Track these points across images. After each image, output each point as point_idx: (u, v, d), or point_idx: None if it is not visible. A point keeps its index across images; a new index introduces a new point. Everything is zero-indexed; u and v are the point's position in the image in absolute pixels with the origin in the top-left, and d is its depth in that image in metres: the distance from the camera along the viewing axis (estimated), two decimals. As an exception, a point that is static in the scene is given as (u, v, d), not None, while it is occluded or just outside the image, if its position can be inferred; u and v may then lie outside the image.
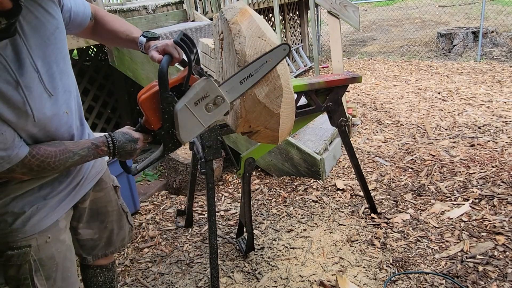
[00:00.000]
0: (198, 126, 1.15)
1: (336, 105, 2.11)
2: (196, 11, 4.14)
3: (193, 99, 1.11)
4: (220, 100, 1.14)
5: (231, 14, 1.35)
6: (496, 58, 6.08)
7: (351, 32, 9.85)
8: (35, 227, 1.13)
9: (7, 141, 0.95)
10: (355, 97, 4.92)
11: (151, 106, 1.11)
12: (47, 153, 1.04)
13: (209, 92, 1.12)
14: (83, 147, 1.10)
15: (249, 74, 1.24)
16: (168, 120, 1.12)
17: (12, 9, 0.85)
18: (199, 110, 1.13)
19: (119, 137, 1.14)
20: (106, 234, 1.45)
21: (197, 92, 1.10)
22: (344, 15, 3.08)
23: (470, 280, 1.84)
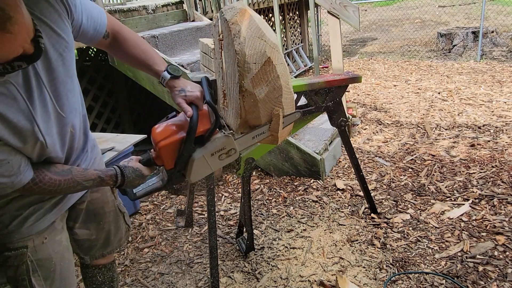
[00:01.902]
0: (207, 170, 1.23)
1: (336, 105, 2.11)
2: (196, 11, 4.14)
3: (211, 151, 1.19)
4: (233, 152, 1.24)
5: (231, 14, 1.35)
6: (496, 58, 6.08)
7: (351, 32, 9.85)
8: (31, 228, 1.13)
9: (12, 168, 0.95)
10: (355, 97, 4.92)
11: (170, 152, 1.16)
12: (51, 182, 1.04)
13: (226, 146, 1.21)
14: (89, 178, 1.11)
15: (262, 132, 1.36)
16: (182, 164, 1.18)
17: (33, 54, 0.86)
18: (213, 159, 1.21)
19: (129, 173, 1.17)
20: (104, 235, 1.46)
21: (216, 146, 1.19)
22: (344, 15, 3.08)
23: (470, 280, 1.84)
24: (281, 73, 1.36)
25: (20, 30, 0.80)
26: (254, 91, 1.34)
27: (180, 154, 1.16)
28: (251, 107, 1.37)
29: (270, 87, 1.35)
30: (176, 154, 1.16)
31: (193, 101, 1.20)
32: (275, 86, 1.36)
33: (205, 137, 1.18)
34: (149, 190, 1.26)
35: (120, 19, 3.32)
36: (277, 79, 1.35)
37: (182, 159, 1.17)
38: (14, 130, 0.93)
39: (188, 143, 1.14)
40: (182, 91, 1.21)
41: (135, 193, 1.25)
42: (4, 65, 0.83)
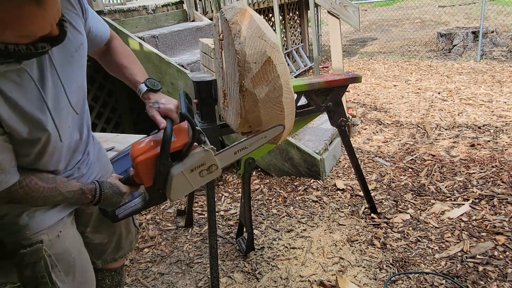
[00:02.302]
0: (188, 188, 1.17)
1: (336, 105, 2.11)
2: (196, 11, 4.14)
3: (190, 167, 1.13)
4: (214, 168, 1.18)
5: (231, 14, 1.35)
6: (496, 58, 6.08)
7: (351, 32, 9.85)
8: (42, 222, 1.10)
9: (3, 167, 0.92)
10: (355, 97, 4.92)
11: (147, 168, 1.12)
12: (36, 188, 1.01)
13: (206, 161, 1.15)
14: (71, 189, 1.09)
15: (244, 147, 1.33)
16: (161, 181, 1.13)
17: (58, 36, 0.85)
18: (193, 176, 1.16)
19: (106, 188, 1.13)
20: (116, 239, 1.44)
21: (195, 161, 1.14)
22: (344, 15, 3.08)
23: (470, 280, 1.84)
24: (281, 73, 1.36)
25: (52, 8, 0.80)
26: (255, 91, 1.34)
27: (157, 171, 1.11)
28: (252, 107, 1.38)
29: (271, 86, 1.35)
30: (154, 170, 1.12)
31: (166, 113, 1.17)
32: (275, 85, 1.36)
33: (183, 152, 1.12)
34: (131, 211, 1.21)
35: (120, 19, 3.32)
36: (277, 79, 1.35)
37: (159, 176, 1.12)
38: (25, 118, 0.91)
39: (163, 158, 1.09)
40: (155, 103, 1.19)
41: (117, 215, 1.20)
42: (28, 45, 0.81)
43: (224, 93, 1.56)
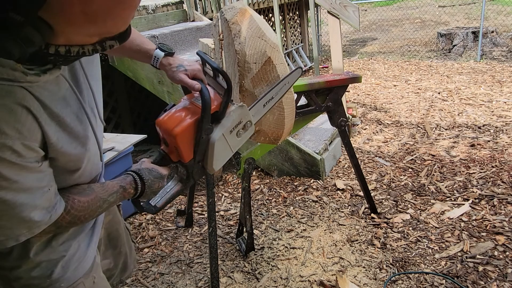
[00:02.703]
0: (228, 154, 1.10)
1: (336, 105, 2.11)
2: (196, 11, 4.14)
3: (229, 128, 1.06)
4: (248, 125, 1.12)
5: (231, 14, 1.35)
6: (496, 58, 6.08)
7: (351, 32, 9.85)
8: (78, 270, 0.96)
9: (51, 198, 0.77)
10: (355, 97, 4.92)
11: (187, 139, 1.01)
12: (81, 206, 0.86)
13: (242, 119, 1.09)
14: (111, 192, 0.93)
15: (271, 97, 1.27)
16: (201, 151, 1.04)
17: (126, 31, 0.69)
18: (232, 137, 1.08)
19: (146, 175, 0.98)
20: (122, 260, 1.32)
21: (233, 119, 1.06)
22: (344, 15, 3.08)
23: (470, 280, 1.84)
24: (281, 73, 1.36)
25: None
26: (254, 91, 1.34)
27: (198, 139, 1.00)
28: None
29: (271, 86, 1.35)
30: (193, 140, 1.01)
31: (195, 75, 1.08)
32: (275, 86, 1.36)
33: (220, 112, 1.03)
34: (170, 196, 1.08)
35: (120, 19, 3.32)
36: (277, 79, 1.35)
37: (201, 145, 1.01)
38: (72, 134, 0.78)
39: (205, 122, 0.98)
40: (180, 67, 1.08)
41: (154, 205, 1.06)
42: (95, 45, 0.65)
43: (224, 93, 1.56)
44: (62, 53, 0.62)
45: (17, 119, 0.66)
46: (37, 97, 0.70)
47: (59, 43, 0.60)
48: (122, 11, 0.61)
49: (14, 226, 0.73)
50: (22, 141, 0.67)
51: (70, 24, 0.58)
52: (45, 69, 0.71)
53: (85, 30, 0.60)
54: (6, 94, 0.65)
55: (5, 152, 0.65)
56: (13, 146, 0.66)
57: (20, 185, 0.70)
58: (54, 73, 0.73)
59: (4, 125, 0.64)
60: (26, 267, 0.88)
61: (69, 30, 0.59)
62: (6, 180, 0.67)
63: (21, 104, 0.67)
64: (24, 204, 0.71)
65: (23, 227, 0.74)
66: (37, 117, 0.69)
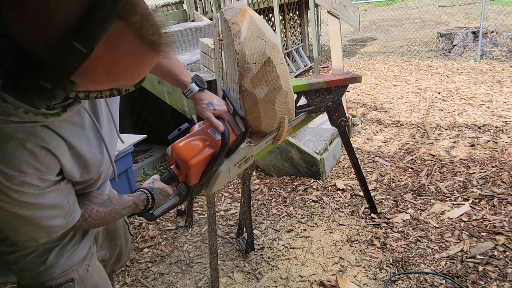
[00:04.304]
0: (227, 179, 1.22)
1: (336, 105, 2.11)
2: (196, 11, 4.14)
3: (235, 162, 1.21)
4: (250, 158, 1.26)
5: (231, 14, 1.35)
6: (496, 58, 6.08)
7: (351, 32, 9.85)
8: (73, 257, 1.02)
9: (69, 208, 0.85)
10: (355, 97, 4.92)
11: (200, 169, 1.13)
12: (98, 216, 0.95)
13: (247, 154, 1.24)
14: (126, 206, 1.03)
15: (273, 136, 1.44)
16: (206, 178, 1.16)
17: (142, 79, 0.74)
18: (234, 168, 1.23)
19: (157, 195, 1.11)
20: (116, 252, 1.40)
21: (240, 156, 1.21)
22: (344, 15, 3.08)
23: (470, 280, 1.84)
24: (281, 73, 1.36)
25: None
26: (254, 91, 1.34)
27: (208, 170, 1.13)
28: (251, 107, 1.38)
29: (270, 87, 1.35)
30: (203, 170, 1.14)
31: (221, 115, 1.18)
32: (275, 86, 1.36)
33: (231, 149, 1.17)
34: (167, 208, 1.19)
35: (120, 19, 3.32)
36: (277, 79, 1.35)
37: (207, 173, 1.14)
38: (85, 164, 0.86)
39: (220, 159, 1.13)
40: (210, 105, 1.18)
41: (152, 213, 1.16)
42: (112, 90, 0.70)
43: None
44: (81, 97, 0.68)
45: (36, 158, 0.74)
46: (56, 132, 0.77)
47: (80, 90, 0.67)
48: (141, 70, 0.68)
49: (33, 232, 0.82)
50: (40, 176, 0.75)
51: (93, 82, 0.64)
52: (66, 105, 0.77)
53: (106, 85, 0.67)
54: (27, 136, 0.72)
55: (23, 187, 0.73)
56: (32, 182, 0.74)
57: (39, 205, 0.78)
58: (74, 109, 0.78)
59: (25, 166, 0.72)
60: (22, 252, 0.96)
61: (91, 86, 0.66)
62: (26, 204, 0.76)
63: (41, 145, 0.74)
64: (43, 217, 0.80)
65: (42, 232, 0.83)
66: (56, 154, 0.77)
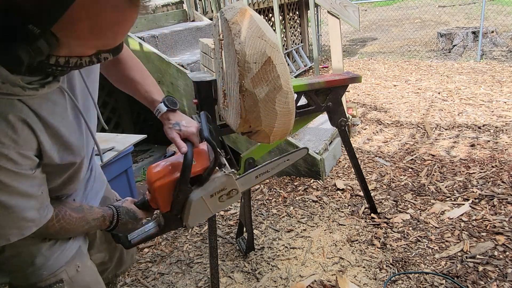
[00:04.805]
0: (207, 214, 1.13)
1: (336, 105, 2.11)
2: (196, 11, 4.14)
3: (210, 192, 1.09)
4: (234, 192, 1.14)
5: (231, 14, 1.35)
6: (496, 58, 6.08)
7: (351, 32, 9.85)
8: (60, 258, 1.02)
9: (43, 201, 0.84)
10: (355, 97, 4.92)
11: (165, 193, 1.06)
12: (70, 220, 0.94)
13: (227, 186, 1.11)
14: (95, 217, 1.02)
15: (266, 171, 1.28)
16: (178, 207, 1.09)
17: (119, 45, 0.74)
18: (212, 201, 1.11)
19: (123, 214, 1.08)
20: (117, 254, 1.38)
21: (215, 186, 1.09)
22: (344, 15, 3.08)
23: (470, 280, 1.84)
24: (281, 73, 1.36)
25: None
26: (255, 91, 1.34)
27: (175, 197, 1.06)
28: (252, 107, 1.37)
29: (271, 86, 1.35)
30: (172, 196, 1.06)
31: (188, 136, 1.11)
32: (275, 85, 1.36)
33: (203, 176, 1.07)
34: (145, 236, 1.16)
35: (120, 19, 3.32)
36: (277, 79, 1.35)
37: (178, 201, 1.07)
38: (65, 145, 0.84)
39: (182, 184, 1.03)
40: (176, 125, 1.12)
41: (130, 240, 1.14)
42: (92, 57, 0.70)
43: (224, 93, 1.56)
44: (61, 63, 0.67)
45: (14, 130, 0.72)
46: (34, 109, 0.75)
47: (61, 55, 0.66)
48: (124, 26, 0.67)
49: (6, 225, 0.79)
50: (17, 150, 0.73)
51: (76, 37, 0.63)
52: (44, 82, 0.75)
53: (87, 43, 0.66)
54: (5, 108, 0.71)
55: (1, 160, 0.71)
56: (9, 154, 0.72)
57: (14, 189, 0.76)
58: (53, 86, 0.77)
59: (2, 135, 0.70)
60: (9, 253, 0.95)
61: (73, 43, 0.64)
62: (1, 183, 0.73)
63: (19, 116, 0.72)
64: (17, 206, 0.77)
65: (14, 226, 0.80)
66: (34, 128, 0.75)
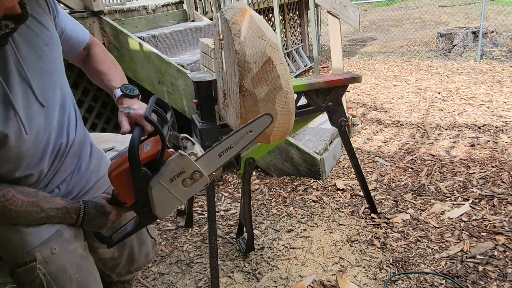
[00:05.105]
0: (174, 202, 1.07)
1: (336, 105, 2.11)
2: (196, 11, 4.14)
3: (168, 176, 1.02)
4: (198, 175, 1.06)
5: (231, 14, 1.35)
6: (496, 58, 6.08)
7: (351, 32, 9.85)
8: (34, 239, 1.07)
9: None
10: (355, 97, 4.92)
11: (123, 183, 1.02)
12: (13, 200, 0.97)
13: (185, 168, 1.03)
14: (54, 206, 1.05)
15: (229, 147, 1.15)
16: (142, 197, 1.04)
17: (21, 15, 0.85)
18: (175, 186, 1.04)
19: (91, 208, 1.09)
20: (127, 251, 1.39)
21: (172, 169, 1.02)
22: (344, 15, 3.08)
23: (470, 280, 1.84)
24: (281, 73, 1.36)
25: None
26: (255, 91, 1.34)
27: (134, 185, 1.02)
28: (252, 107, 1.38)
29: (271, 86, 1.35)
30: (131, 184, 1.02)
31: (136, 119, 1.10)
32: (275, 85, 1.36)
33: (157, 160, 1.01)
34: (125, 234, 1.14)
35: (120, 19, 3.32)
36: (277, 79, 1.35)
37: (139, 191, 1.03)
38: None
39: (134, 170, 0.99)
40: (126, 108, 1.12)
41: (112, 239, 1.14)
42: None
43: (224, 93, 1.56)
44: None
45: None
46: None
47: None
48: None
49: None
50: None
51: None
52: None
53: None
54: None
55: None
56: None
57: None
58: None
59: None
60: None
61: None
62: None
63: None
64: None
65: None
66: None
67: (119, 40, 3.01)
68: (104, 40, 3.08)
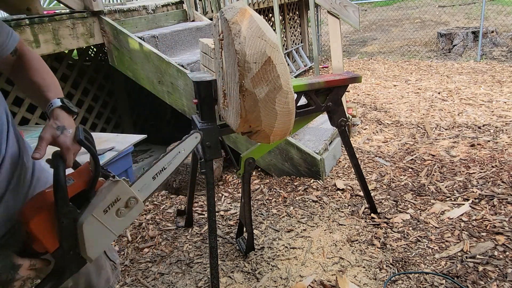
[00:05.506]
0: (108, 237, 0.94)
1: (336, 105, 2.11)
2: (196, 11, 4.14)
3: (102, 207, 0.90)
4: (133, 202, 0.96)
5: (231, 14, 1.35)
6: (496, 58, 6.08)
7: (351, 32, 9.85)
8: None
9: None
10: (355, 97, 4.92)
11: (45, 228, 0.86)
12: None
13: (120, 195, 0.93)
14: None
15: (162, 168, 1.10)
16: (68, 238, 0.88)
17: None
18: (108, 218, 0.92)
19: None
20: (83, 279, 1.23)
21: (106, 197, 0.91)
22: (344, 15, 3.08)
23: (470, 280, 1.84)
24: (281, 73, 1.36)
25: None
26: (255, 91, 1.34)
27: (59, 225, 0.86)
28: (252, 107, 1.38)
29: (271, 86, 1.35)
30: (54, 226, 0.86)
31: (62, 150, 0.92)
32: (275, 85, 1.36)
33: (87, 190, 0.90)
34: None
35: (120, 19, 3.33)
36: (277, 79, 1.35)
37: (65, 231, 0.87)
38: None
39: (60, 206, 0.84)
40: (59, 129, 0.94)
41: None
42: None
43: (224, 93, 1.56)
44: None
45: None
46: None
47: None
48: None
49: None
50: None
51: None
52: None
53: None
54: None
55: None
56: None
57: None
58: None
59: None
60: None
61: None
62: None
63: None
64: None
65: None
66: None
67: (119, 40, 3.01)
68: (104, 40, 3.08)
